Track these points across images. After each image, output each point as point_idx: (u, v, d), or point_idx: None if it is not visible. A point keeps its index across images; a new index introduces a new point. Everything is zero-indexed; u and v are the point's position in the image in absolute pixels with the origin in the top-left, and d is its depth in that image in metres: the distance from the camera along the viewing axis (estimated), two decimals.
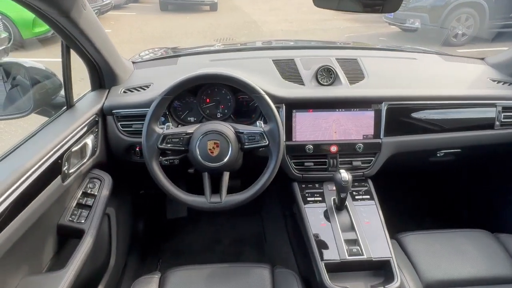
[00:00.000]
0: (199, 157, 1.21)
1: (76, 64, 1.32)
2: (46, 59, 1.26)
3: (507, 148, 1.56)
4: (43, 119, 1.33)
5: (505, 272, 1.26)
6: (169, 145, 1.21)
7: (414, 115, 1.47)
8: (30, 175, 0.96)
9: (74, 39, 1.14)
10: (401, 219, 1.53)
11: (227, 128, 1.24)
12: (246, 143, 1.24)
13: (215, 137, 1.21)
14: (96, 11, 8.82)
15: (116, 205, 1.56)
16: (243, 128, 1.26)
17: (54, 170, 1.07)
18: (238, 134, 1.25)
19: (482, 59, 1.78)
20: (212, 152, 1.21)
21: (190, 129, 1.24)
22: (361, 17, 10.40)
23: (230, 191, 1.25)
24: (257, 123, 1.30)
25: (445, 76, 1.61)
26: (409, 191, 2.12)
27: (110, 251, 1.50)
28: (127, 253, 1.75)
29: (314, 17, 10.69)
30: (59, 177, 1.09)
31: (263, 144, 1.23)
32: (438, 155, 1.57)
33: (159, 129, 1.22)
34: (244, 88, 1.24)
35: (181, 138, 1.22)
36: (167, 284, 1.19)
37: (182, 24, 9.73)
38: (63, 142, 1.12)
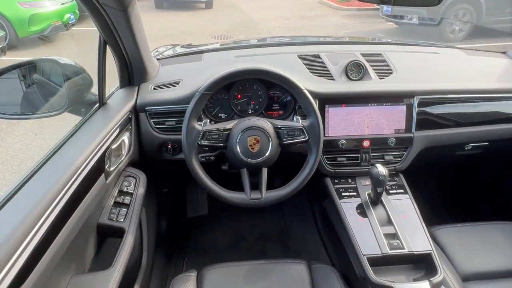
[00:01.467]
0: (240, 153, 1.20)
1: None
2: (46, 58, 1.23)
3: None
4: (72, 116, 1.31)
5: None
6: (208, 142, 1.20)
7: (445, 109, 1.48)
8: (78, 175, 0.95)
9: (117, 34, 1.12)
10: (431, 212, 1.53)
11: (267, 124, 1.23)
12: (285, 139, 1.24)
13: (256, 132, 1.20)
14: None
15: (146, 203, 1.55)
16: (282, 123, 1.25)
17: (98, 169, 1.05)
18: (276, 129, 1.24)
19: (504, 52, 1.79)
20: (253, 148, 1.20)
21: (228, 125, 1.23)
22: (358, 14, 10.45)
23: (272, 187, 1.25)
24: (295, 118, 1.29)
25: (470, 70, 1.62)
26: (437, 185, 2.13)
27: (142, 250, 1.49)
28: (154, 252, 1.74)
29: (310, 14, 10.70)
30: (103, 175, 1.07)
31: (303, 139, 1.23)
32: (466, 148, 1.58)
33: (198, 126, 1.21)
34: (285, 83, 1.23)
35: (220, 135, 1.21)
36: (205, 281, 1.19)
37: (178, 22, 9.65)
38: (104, 140, 1.11)
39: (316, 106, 1.23)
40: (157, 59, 1.67)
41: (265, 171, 1.24)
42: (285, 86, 1.25)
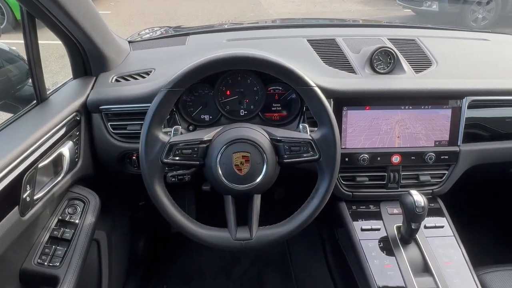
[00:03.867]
0: (222, 177, 0.85)
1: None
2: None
3: None
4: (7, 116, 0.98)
5: None
6: (178, 159, 0.85)
7: (503, 114, 1.11)
8: None
9: (45, 10, 0.77)
10: (479, 250, 1.17)
11: (261, 135, 0.88)
12: (287, 156, 0.88)
13: (244, 147, 0.85)
14: None
15: (108, 227, 1.22)
16: (282, 134, 0.89)
17: (8, 200, 0.72)
18: (275, 142, 0.88)
19: None
20: (239, 169, 0.85)
21: (207, 135, 0.88)
22: (372, 0, 9.94)
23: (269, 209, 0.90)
24: (301, 126, 0.93)
25: None
26: (485, 212, 1.73)
27: (100, 281, 1.17)
28: (125, 279, 1.42)
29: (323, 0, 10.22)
30: (16, 208, 0.73)
31: (312, 158, 0.87)
32: None
33: (163, 136, 0.86)
34: (289, 77, 0.87)
35: (195, 149, 0.86)
36: None
37: (184, 6, 9.33)
38: (24, 155, 0.77)
39: (331, 111, 0.86)
40: (131, 42, 1.32)
41: (257, 198, 0.89)
42: (289, 82, 0.88)
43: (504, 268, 1.09)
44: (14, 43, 1.01)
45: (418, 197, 0.91)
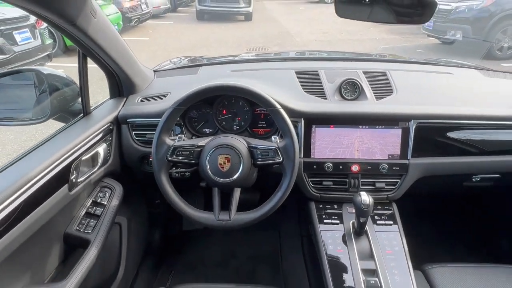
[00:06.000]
0: (209, 171, 1.15)
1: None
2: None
3: None
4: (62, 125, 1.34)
5: None
6: (179, 158, 1.17)
7: (448, 135, 1.34)
8: (35, 182, 0.95)
9: (87, 47, 1.13)
10: (429, 247, 1.38)
11: (240, 143, 1.18)
12: (260, 159, 1.18)
13: (227, 151, 1.16)
14: (135, 19, 9.24)
15: (129, 214, 1.54)
16: (257, 143, 1.19)
17: (61, 179, 1.05)
18: (251, 149, 1.18)
19: None
20: (222, 167, 1.15)
21: (202, 142, 1.20)
22: (399, 28, 10.11)
23: (246, 205, 1.19)
24: (273, 138, 1.23)
25: (484, 93, 1.47)
26: (440, 217, 1.95)
27: (119, 262, 1.48)
28: (139, 264, 1.73)
29: (350, 28, 10.51)
30: (65, 186, 1.07)
31: (277, 161, 1.16)
32: (473, 179, 1.42)
33: (169, 141, 1.18)
34: (259, 101, 1.18)
35: (192, 151, 1.18)
36: None
37: (217, 33, 9.90)
38: (73, 150, 1.11)
39: (291, 126, 1.16)
40: (155, 71, 1.68)
41: (237, 191, 1.18)
42: (260, 104, 1.19)
43: (448, 265, 1.29)
44: (62, 66, 1.35)
45: (365, 197, 1.16)
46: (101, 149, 1.25)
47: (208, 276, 1.26)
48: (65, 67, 1.56)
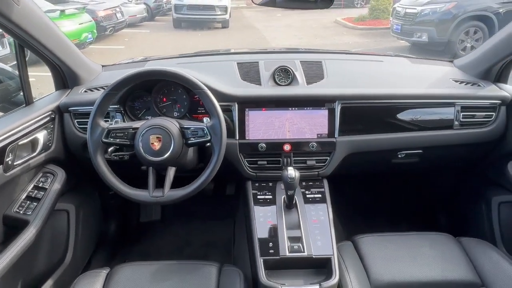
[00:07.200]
0: (141, 150, 1.23)
1: None
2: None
3: (468, 149, 1.52)
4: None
5: (462, 276, 1.21)
6: (114, 140, 1.24)
7: (370, 114, 1.45)
8: None
9: (19, 36, 1.19)
10: (361, 221, 1.49)
11: (171, 123, 1.26)
12: (191, 138, 1.26)
13: (158, 131, 1.23)
14: (110, 28, 9.24)
15: (77, 202, 1.59)
16: (188, 123, 1.28)
17: None
18: (183, 129, 1.26)
19: (451, 61, 1.75)
20: (154, 146, 1.22)
21: (136, 124, 1.27)
22: (371, 33, 10.44)
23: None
24: (204, 119, 1.31)
25: (408, 77, 1.59)
26: (372, 193, 2.07)
27: (67, 248, 1.52)
28: (93, 252, 1.77)
29: (325, 33, 10.78)
30: (0, 167, 1.12)
31: (206, 139, 1.24)
32: (399, 156, 1.54)
33: (104, 124, 1.25)
34: (187, 83, 1.26)
35: (126, 133, 1.25)
36: (113, 279, 1.20)
37: (193, 41, 9.98)
38: (8, 134, 1.17)
39: (218, 106, 1.24)
40: (103, 66, 1.75)
41: (171, 169, 1.26)
42: (188, 87, 1.27)
43: (376, 235, 1.39)
44: (33, 75, 1.37)
45: (291, 171, 1.25)
46: (40, 135, 1.31)
47: None
48: (36, 76, 1.60)
